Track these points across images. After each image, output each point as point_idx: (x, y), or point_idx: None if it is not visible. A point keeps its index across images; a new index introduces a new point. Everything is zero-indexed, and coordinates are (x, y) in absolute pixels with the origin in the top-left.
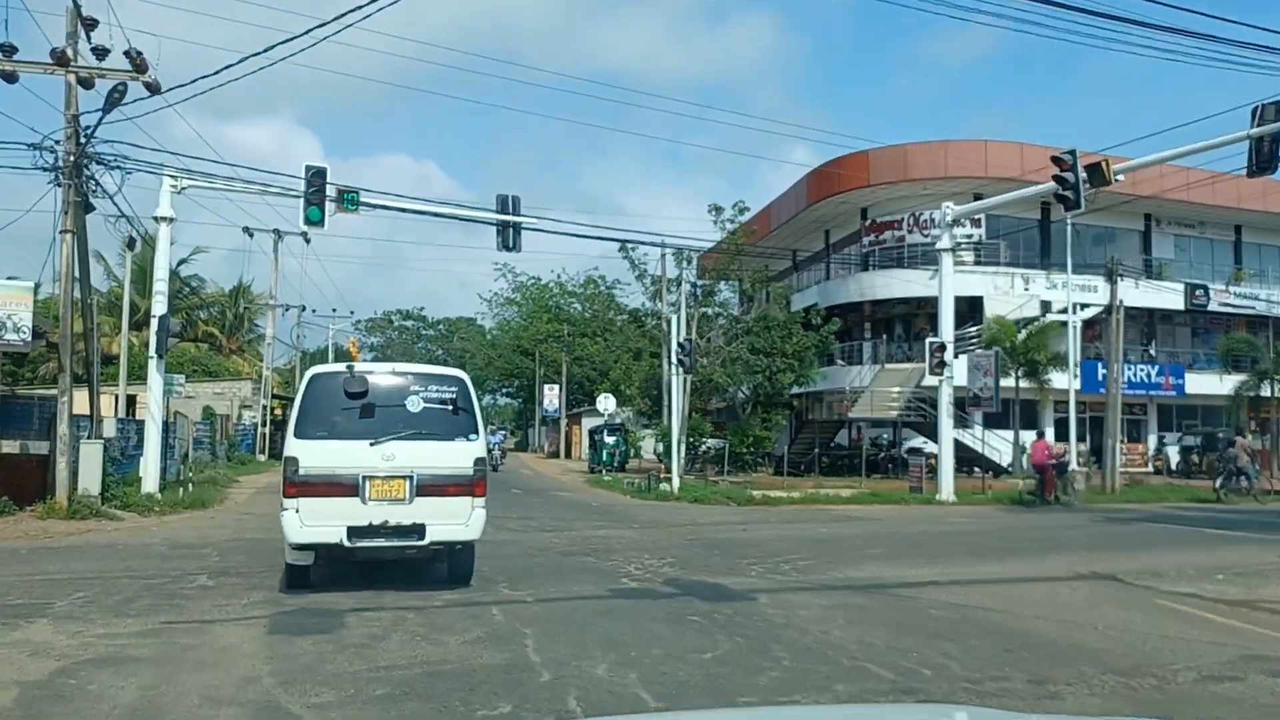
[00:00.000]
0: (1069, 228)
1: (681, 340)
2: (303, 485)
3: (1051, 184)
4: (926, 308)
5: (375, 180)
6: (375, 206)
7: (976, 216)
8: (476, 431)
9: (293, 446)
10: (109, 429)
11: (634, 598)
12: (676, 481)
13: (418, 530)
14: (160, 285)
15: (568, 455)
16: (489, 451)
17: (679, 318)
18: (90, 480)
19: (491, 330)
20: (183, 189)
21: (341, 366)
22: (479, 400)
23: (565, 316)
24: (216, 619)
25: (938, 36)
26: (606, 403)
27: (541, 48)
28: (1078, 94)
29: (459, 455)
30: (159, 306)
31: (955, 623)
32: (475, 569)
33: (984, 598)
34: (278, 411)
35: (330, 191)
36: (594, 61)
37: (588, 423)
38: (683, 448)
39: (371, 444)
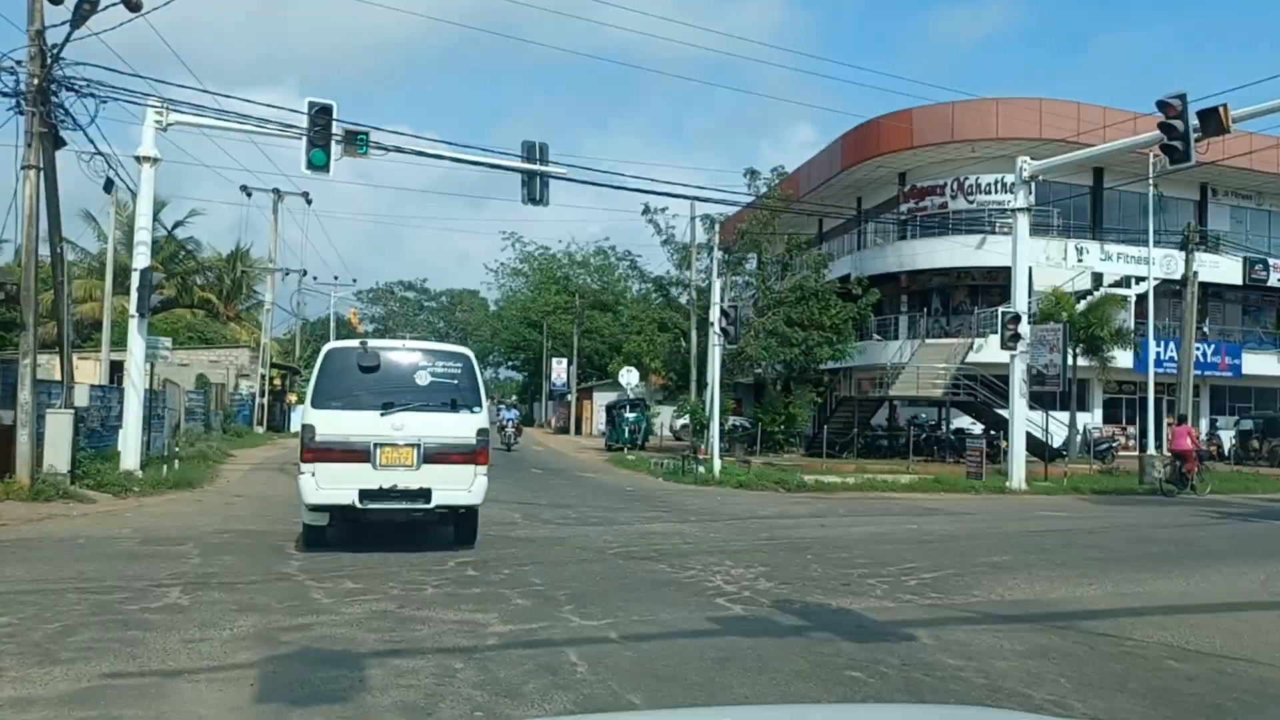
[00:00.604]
0: (1153, 192)
1: (725, 306)
2: (319, 451)
3: (1154, 134)
4: (966, 279)
5: (376, 155)
6: (387, 149)
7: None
8: (480, 405)
9: (310, 415)
10: (81, 397)
11: (750, 633)
12: (717, 464)
13: (424, 494)
14: (143, 235)
15: (578, 431)
16: (502, 429)
17: (720, 283)
18: (58, 456)
19: (497, 302)
20: (168, 125)
21: (355, 342)
22: (482, 374)
23: (574, 288)
24: (184, 668)
25: (949, 14)
26: (629, 376)
27: (545, 21)
28: (1083, 75)
29: (463, 426)
30: (141, 258)
31: (1216, 684)
32: (529, 581)
33: (1209, 635)
34: (276, 381)
35: (336, 131)
36: (597, 36)
37: (599, 398)
38: (715, 425)
39: (382, 414)
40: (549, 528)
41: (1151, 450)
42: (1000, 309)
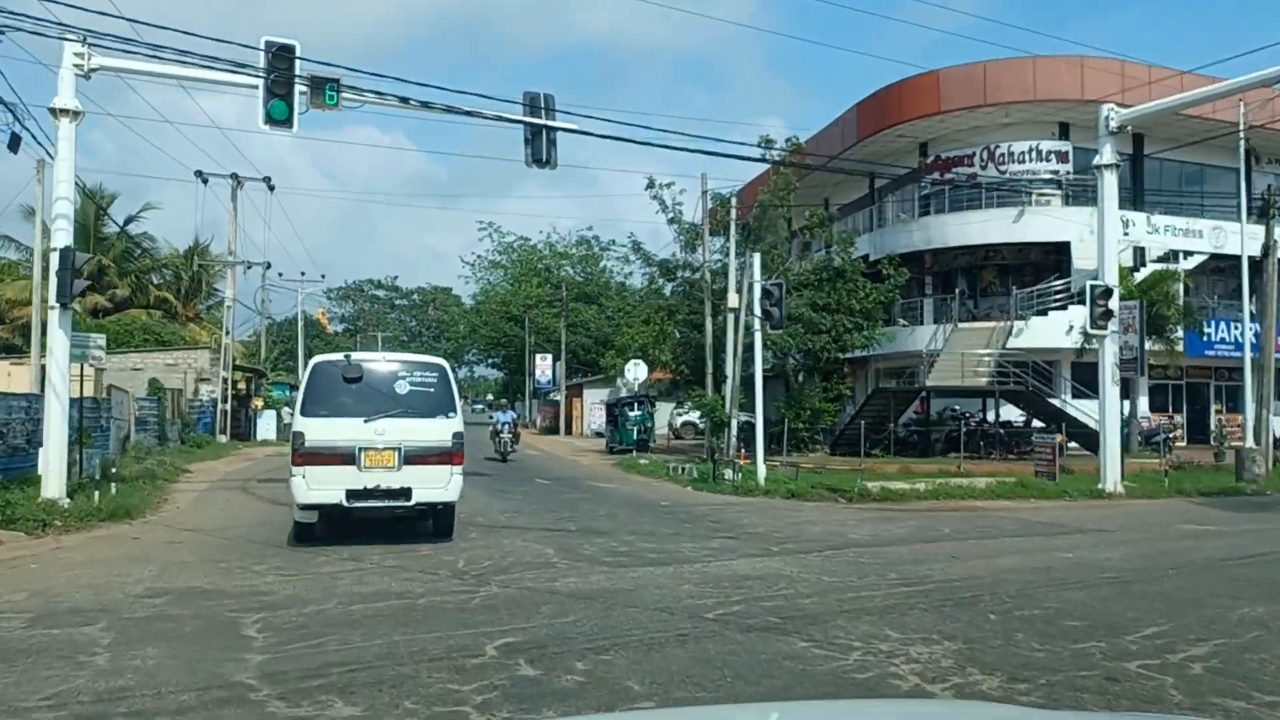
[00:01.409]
0: (1242, 148)
1: (769, 284)
2: (309, 455)
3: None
4: (996, 257)
5: (346, 157)
6: (364, 96)
7: (1063, 149)
8: (455, 410)
9: (300, 423)
10: None
11: None
12: (762, 470)
13: (405, 493)
14: (63, 205)
15: (568, 431)
16: (496, 435)
17: (738, 262)
18: None
19: (474, 296)
20: (92, 70)
21: (340, 356)
22: (457, 375)
23: (557, 280)
24: None
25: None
26: (637, 370)
27: (519, 21)
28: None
29: (440, 430)
30: (61, 234)
31: None
32: (626, 688)
33: None
34: (241, 385)
35: (302, 77)
36: (570, 35)
37: (590, 395)
38: (734, 424)
39: (366, 421)
40: (601, 571)
41: (1250, 443)
42: (1088, 284)
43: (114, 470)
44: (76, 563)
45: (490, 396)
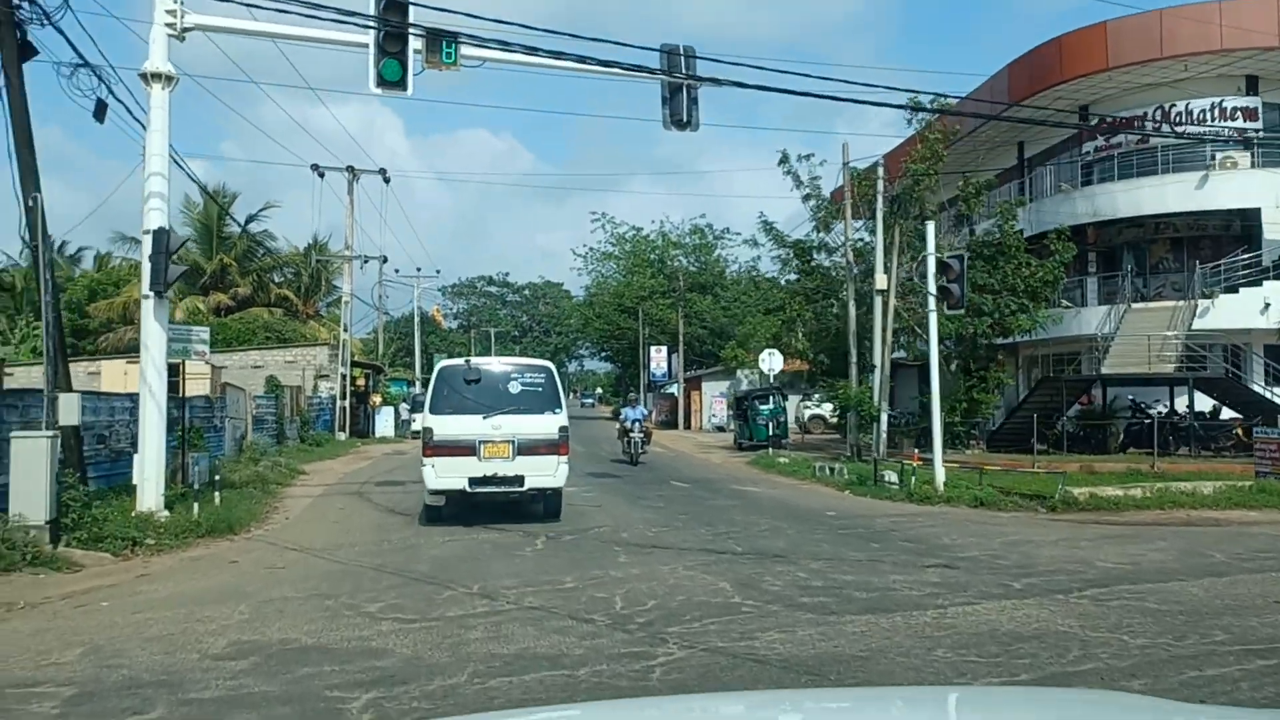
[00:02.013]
0: None
1: (947, 256)
2: (437, 448)
3: None
4: (1167, 230)
5: (457, 158)
6: (482, 62)
7: (1250, 105)
8: (560, 407)
9: (429, 420)
10: (68, 411)
11: None
12: (940, 473)
13: (519, 480)
14: (156, 183)
15: (686, 426)
16: (625, 434)
17: (884, 238)
18: (28, 500)
19: (586, 288)
20: (185, 30)
21: (462, 360)
22: (566, 369)
23: (670, 270)
24: None
25: None
26: (771, 361)
27: (621, 13)
28: None
29: (547, 425)
30: (154, 217)
31: None
32: None
33: None
34: (359, 381)
35: (417, 32)
36: (673, 24)
37: (709, 387)
38: (884, 418)
39: (484, 417)
40: (807, 622)
41: None
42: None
43: (217, 478)
44: (156, 600)
45: (599, 390)
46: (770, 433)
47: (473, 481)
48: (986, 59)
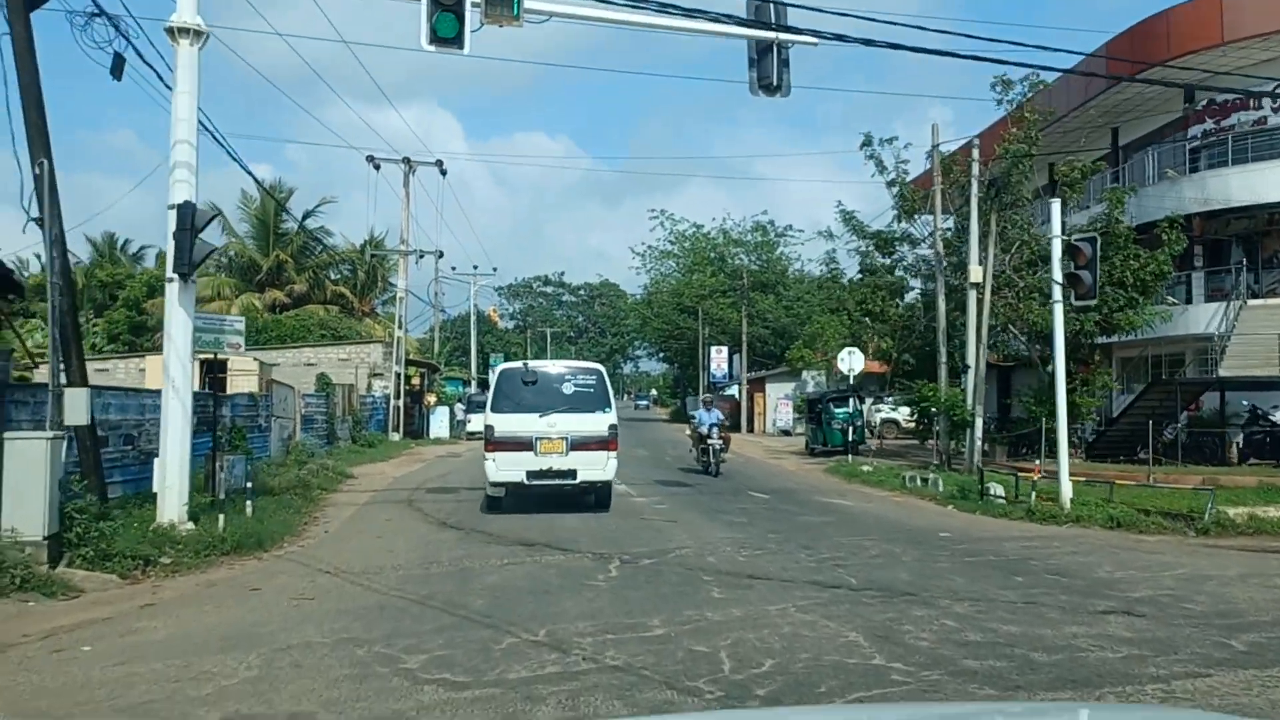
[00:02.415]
0: None
1: (1078, 239)
2: (498, 444)
3: None
4: None
5: (513, 157)
6: (549, 16)
7: None
8: (610, 406)
9: (490, 418)
10: (74, 409)
11: None
12: (1067, 488)
13: (572, 474)
14: (183, 151)
15: (749, 429)
16: (702, 441)
17: (978, 226)
18: (22, 512)
19: (644, 287)
20: None
21: (519, 364)
22: (617, 378)
23: (731, 268)
24: None
25: None
26: (851, 360)
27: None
28: None
29: (598, 423)
30: (180, 189)
31: None
32: None
33: None
34: (414, 380)
35: None
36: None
37: (773, 390)
38: (979, 423)
39: (540, 416)
40: (988, 704)
41: None
42: None
43: (248, 485)
44: (150, 644)
45: (654, 392)
46: (846, 438)
47: (530, 474)
48: (1080, 40)
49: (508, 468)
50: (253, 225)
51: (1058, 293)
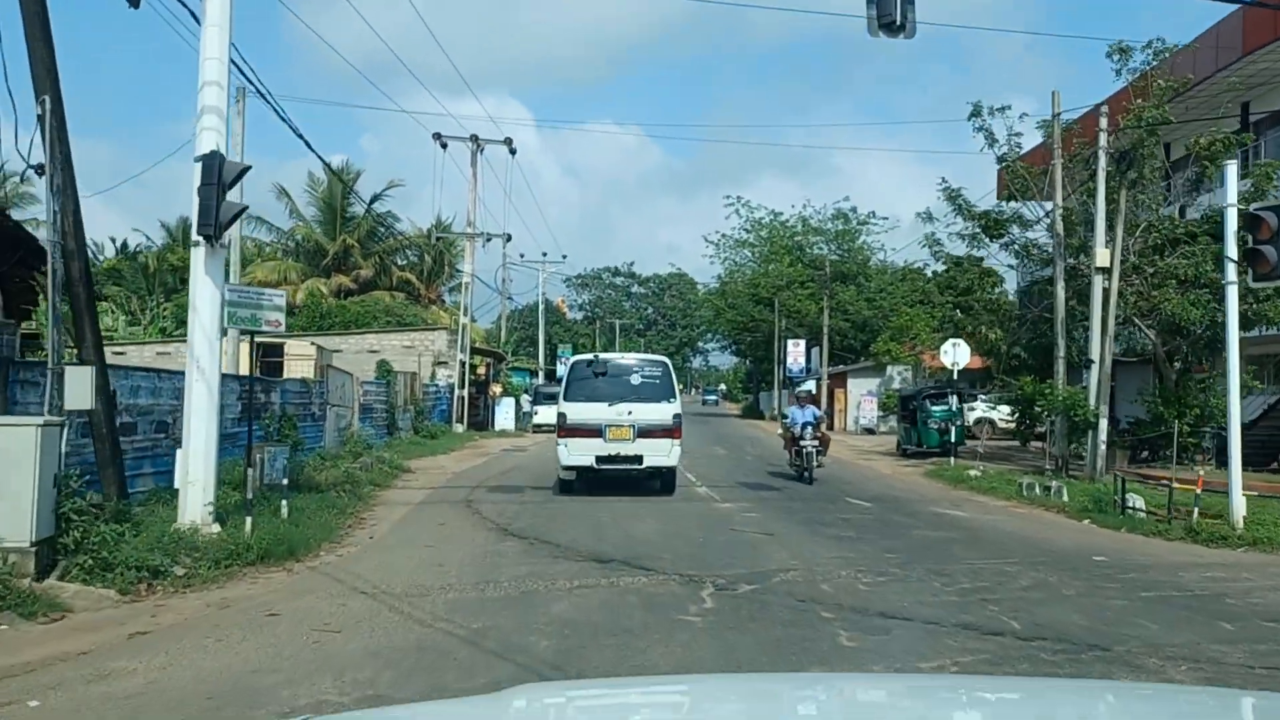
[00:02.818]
0: None
1: (1257, 209)
2: (570, 430)
3: None
4: None
5: (583, 147)
6: None
7: None
8: (674, 397)
9: (563, 406)
10: (77, 390)
11: None
12: (1239, 504)
13: (638, 459)
14: (212, 95)
15: (829, 426)
16: (795, 441)
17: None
18: (7, 514)
19: (718, 277)
20: None
21: (590, 356)
22: (681, 371)
23: (810, 258)
24: None
25: None
26: (956, 353)
27: (761, 9)
28: None
29: (663, 412)
30: (208, 138)
31: None
32: None
33: None
34: (480, 370)
35: None
36: (812, 20)
37: (855, 385)
38: (1103, 425)
39: (609, 405)
40: None
41: None
42: None
43: (284, 481)
44: (114, 702)
45: (723, 386)
46: (943, 438)
47: (599, 459)
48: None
49: (579, 452)
50: (320, 209)
51: (1232, 272)
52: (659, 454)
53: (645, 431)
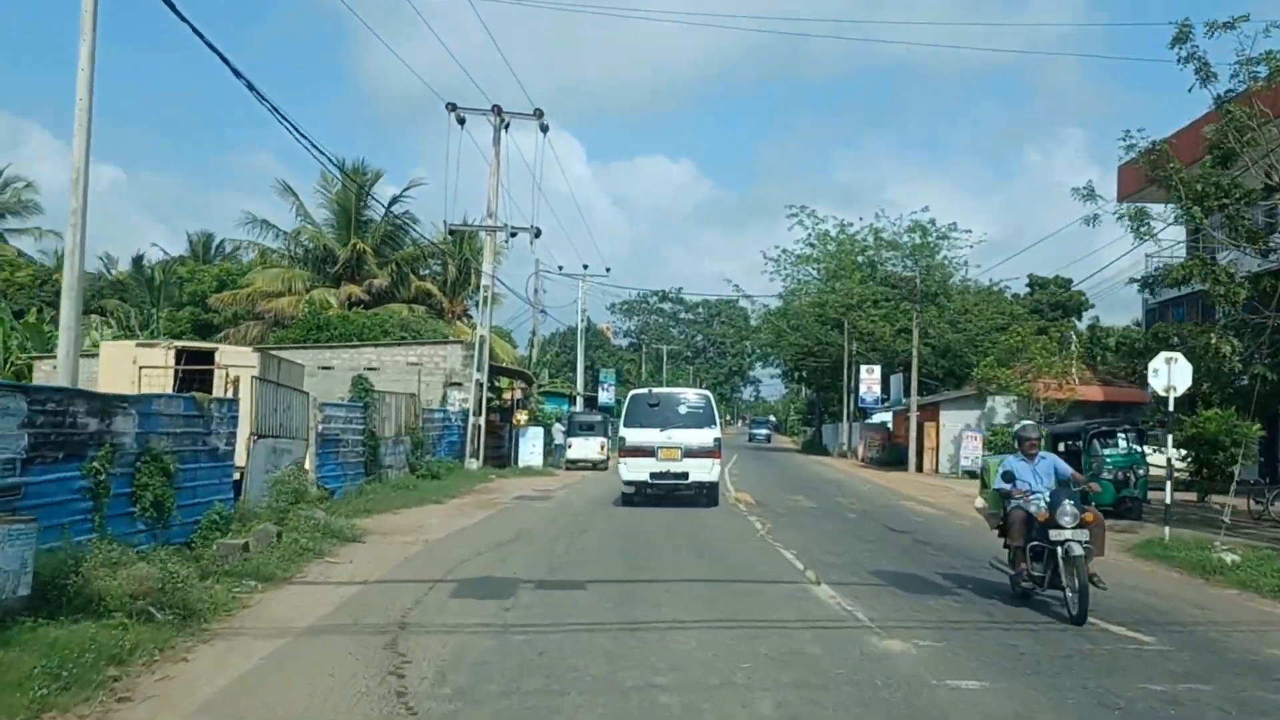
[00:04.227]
0: None
1: None
2: (629, 451)
3: None
4: None
5: (635, 182)
6: None
7: None
8: (715, 423)
9: (624, 432)
10: None
11: None
12: None
13: (685, 475)
14: None
15: (919, 467)
16: (1031, 526)
17: None
18: None
19: (779, 295)
20: None
21: (646, 390)
22: (731, 403)
23: (883, 275)
24: None
25: None
26: (1172, 373)
27: (820, 41)
28: None
29: (705, 437)
30: None
31: None
32: None
33: None
34: (507, 394)
35: None
36: (871, 51)
37: (949, 417)
38: None
39: (660, 430)
40: None
41: None
42: None
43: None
44: None
45: (772, 419)
46: (1121, 493)
47: (653, 475)
48: None
49: (636, 470)
50: (333, 211)
51: None
52: (702, 471)
53: (690, 452)
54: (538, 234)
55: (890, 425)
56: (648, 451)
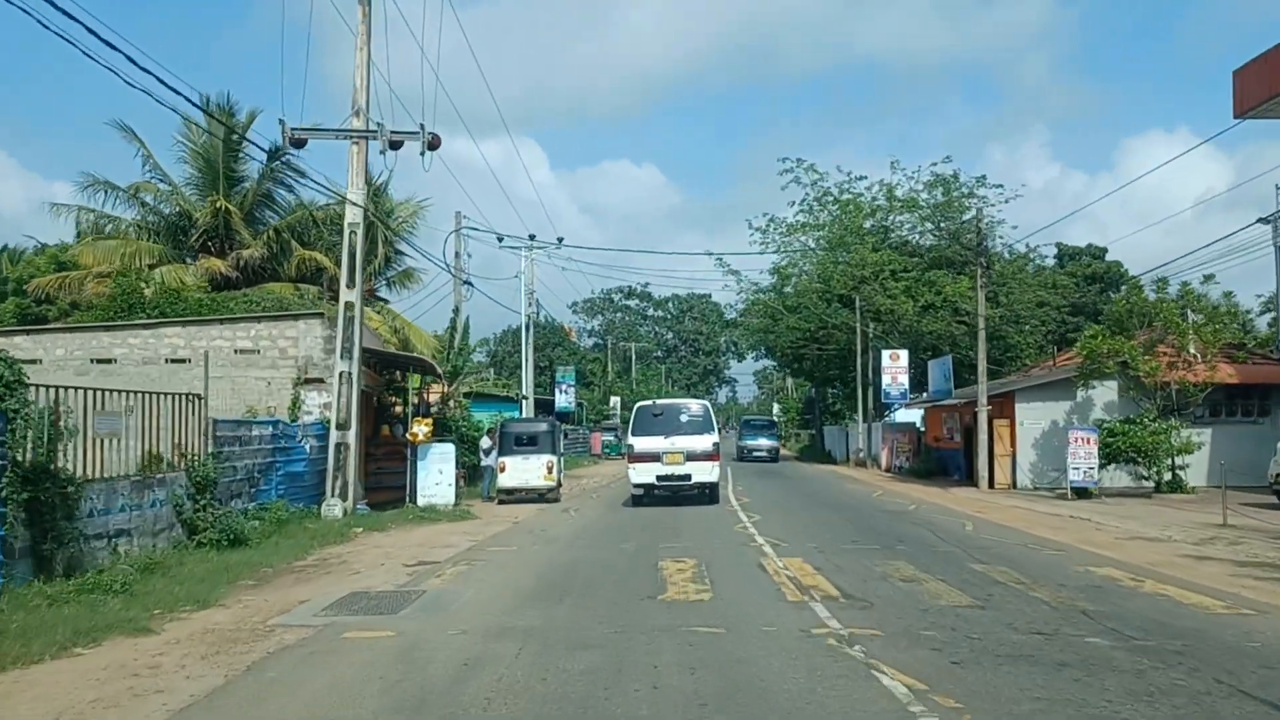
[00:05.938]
0: None
1: None
2: (636, 457)
3: None
4: None
5: (602, 190)
6: None
7: None
8: (713, 430)
9: (632, 439)
10: None
11: None
12: None
13: (688, 477)
14: None
15: (990, 482)
16: None
17: None
18: None
19: (768, 271)
20: None
21: (650, 402)
22: (716, 411)
23: (898, 240)
24: None
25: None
26: None
27: (798, 41)
28: None
29: (705, 442)
30: None
31: None
32: None
33: None
34: (429, 397)
35: None
36: (847, 52)
37: (1027, 412)
38: None
39: (664, 437)
40: None
41: None
42: None
43: None
44: None
45: (773, 419)
46: None
47: (658, 478)
48: None
49: (643, 474)
50: (199, 168)
51: None
52: (703, 472)
53: (692, 456)
54: (432, 144)
55: (922, 425)
56: (654, 457)
